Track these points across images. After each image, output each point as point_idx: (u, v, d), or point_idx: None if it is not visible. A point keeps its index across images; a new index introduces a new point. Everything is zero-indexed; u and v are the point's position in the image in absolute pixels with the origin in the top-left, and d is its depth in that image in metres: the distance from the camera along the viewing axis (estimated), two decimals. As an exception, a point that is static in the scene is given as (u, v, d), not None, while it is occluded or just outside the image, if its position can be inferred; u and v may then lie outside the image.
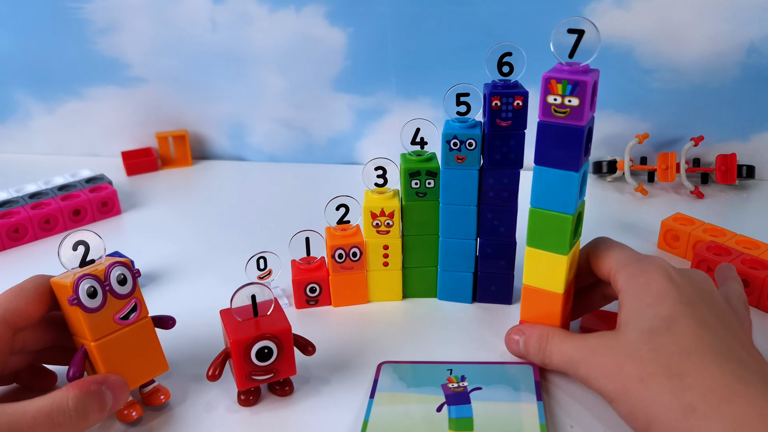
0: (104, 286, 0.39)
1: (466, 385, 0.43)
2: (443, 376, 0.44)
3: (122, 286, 0.40)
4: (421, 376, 0.44)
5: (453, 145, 0.47)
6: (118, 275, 0.39)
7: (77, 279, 0.38)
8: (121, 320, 0.40)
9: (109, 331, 0.39)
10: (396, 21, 0.71)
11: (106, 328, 0.39)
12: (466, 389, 0.42)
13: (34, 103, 0.82)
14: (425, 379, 0.44)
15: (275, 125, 0.81)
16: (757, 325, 0.50)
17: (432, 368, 0.45)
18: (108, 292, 0.39)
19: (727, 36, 0.67)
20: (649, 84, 0.70)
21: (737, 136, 0.72)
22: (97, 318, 0.39)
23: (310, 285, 0.53)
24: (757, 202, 0.69)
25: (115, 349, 0.40)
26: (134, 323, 0.40)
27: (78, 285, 0.38)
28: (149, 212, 0.71)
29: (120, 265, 0.40)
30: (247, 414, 0.42)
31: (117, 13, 0.75)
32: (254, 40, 0.75)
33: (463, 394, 0.42)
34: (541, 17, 0.66)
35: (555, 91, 0.39)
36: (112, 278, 0.39)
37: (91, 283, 0.38)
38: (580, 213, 0.43)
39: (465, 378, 0.43)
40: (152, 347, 0.42)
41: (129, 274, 0.40)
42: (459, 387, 0.43)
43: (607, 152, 0.75)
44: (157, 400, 0.42)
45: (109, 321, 0.39)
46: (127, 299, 0.40)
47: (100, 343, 0.39)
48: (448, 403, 0.41)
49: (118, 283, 0.39)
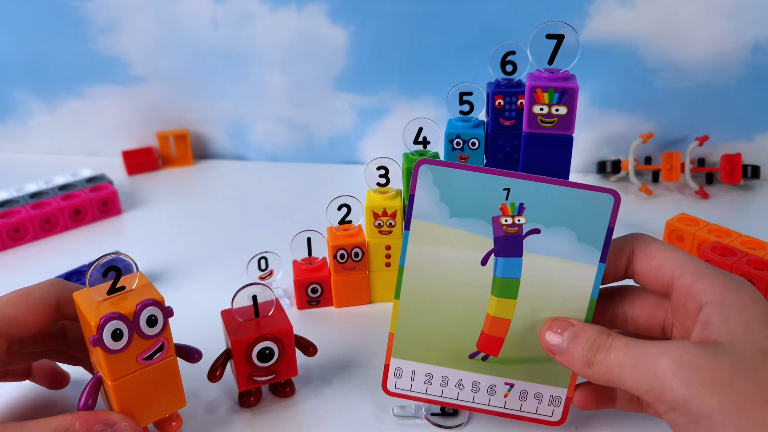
0: (132, 327, 0.35)
1: (523, 223, 0.35)
2: (497, 200, 0.35)
3: (151, 327, 0.36)
4: (468, 195, 0.35)
5: (456, 145, 0.47)
6: (149, 316, 0.36)
7: (102, 320, 0.34)
8: (144, 360, 0.36)
9: (130, 371, 0.36)
10: (398, 19, 0.71)
11: (127, 368, 0.36)
12: (521, 230, 0.35)
13: (35, 103, 0.82)
14: (473, 205, 0.35)
15: (276, 124, 0.81)
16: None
17: (484, 182, 0.35)
18: (135, 333, 0.35)
19: (732, 35, 0.66)
20: (654, 83, 0.70)
21: (742, 136, 0.71)
22: (119, 358, 0.35)
23: (311, 285, 0.52)
24: (762, 203, 0.69)
25: (134, 387, 0.37)
26: (158, 362, 0.37)
27: (103, 327, 0.34)
28: (150, 212, 0.71)
29: (152, 305, 0.35)
30: (249, 415, 0.42)
31: (118, 12, 0.75)
32: (256, 38, 0.75)
33: (517, 240, 0.35)
34: (545, 16, 0.66)
35: (541, 100, 0.38)
36: (142, 319, 0.35)
37: (118, 326, 0.34)
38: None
39: (524, 208, 0.35)
40: (173, 385, 0.39)
41: (161, 314, 0.36)
42: (513, 226, 0.35)
43: (611, 152, 0.75)
44: (168, 427, 0.40)
45: (132, 361, 0.36)
46: (155, 339, 0.36)
47: (118, 383, 0.36)
48: (495, 254, 0.36)
49: (148, 324, 0.36)
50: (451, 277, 0.37)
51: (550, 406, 0.39)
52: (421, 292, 0.37)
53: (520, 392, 0.39)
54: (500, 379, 0.38)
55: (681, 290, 0.35)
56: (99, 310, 0.35)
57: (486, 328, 0.37)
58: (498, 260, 0.36)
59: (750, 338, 0.31)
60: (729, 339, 0.32)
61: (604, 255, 0.36)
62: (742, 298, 0.33)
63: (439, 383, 0.39)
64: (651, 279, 0.36)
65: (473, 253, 0.36)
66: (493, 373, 0.38)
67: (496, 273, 0.36)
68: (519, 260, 0.36)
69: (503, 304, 0.37)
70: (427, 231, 0.36)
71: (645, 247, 0.37)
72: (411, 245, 0.36)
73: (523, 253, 0.36)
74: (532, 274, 0.36)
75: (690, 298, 0.34)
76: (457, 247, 0.36)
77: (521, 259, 0.36)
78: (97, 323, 0.34)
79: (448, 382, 0.39)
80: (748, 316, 0.32)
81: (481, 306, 0.37)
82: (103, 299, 0.35)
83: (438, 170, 0.35)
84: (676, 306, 0.35)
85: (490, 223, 0.36)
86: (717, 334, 0.32)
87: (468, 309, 0.37)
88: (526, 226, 0.36)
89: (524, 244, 0.36)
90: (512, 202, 0.35)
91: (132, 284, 0.36)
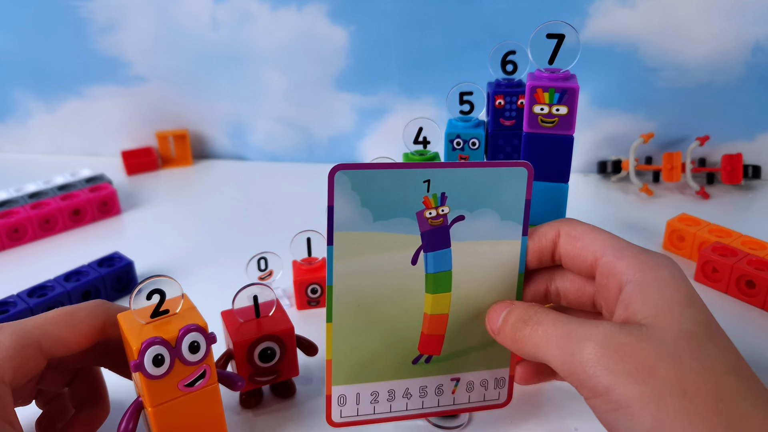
0: (174, 352, 0.34)
1: (447, 212, 0.34)
2: (419, 194, 0.34)
3: (194, 354, 0.35)
4: (389, 195, 0.34)
5: (456, 145, 0.47)
6: (192, 342, 0.35)
7: (144, 345, 0.33)
8: (186, 387, 0.35)
9: (171, 397, 0.35)
10: (398, 19, 0.71)
11: (168, 395, 0.35)
12: (446, 220, 0.34)
13: (34, 102, 0.82)
14: (396, 204, 0.34)
15: (276, 124, 0.80)
16: (763, 328, 0.49)
17: (403, 178, 0.33)
18: (176, 359, 0.34)
19: (732, 35, 0.66)
20: (654, 83, 0.70)
21: (743, 136, 0.71)
22: (160, 384, 0.34)
23: (311, 286, 0.52)
24: (762, 203, 0.69)
25: (175, 414, 0.36)
26: (200, 389, 0.36)
27: (144, 352, 0.33)
28: (149, 212, 0.71)
29: (195, 331, 0.35)
30: (250, 416, 0.42)
31: (118, 12, 0.75)
32: (255, 38, 0.75)
33: (444, 231, 0.35)
34: (545, 15, 0.66)
35: (541, 100, 0.38)
36: (184, 345, 0.34)
37: (159, 351, 0.34)
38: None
39: (446, 198, 0.34)
40: (214, 413, 0.37)
41: (203, 340, 0.35)
42: (438, 218, 0.34)
43: (612, 152, 0.74)
44: None
45: (173, 387, 0.35)
46: (197, 366, 0.35)
47: (158, 409, 0.35)
48: (424, 249, 0.35)
49: (190, 350, 0.35)
50: (383, 285, 0.35)
51: (496, 389, 0.38)
52: (354, 309, 0.35)
53: (466, 384, 0.38)
54: (446, 377, 0.38)
55: (603, 270, 0.34)
56: (142, 333, 0.34)
57: (425, 328, 0.36)
58: (428, 256, 0.35)
59: (672, 320, 0.31)
60: (652, 320, 0.31)
61: (525, 228, 0.35)
62: (663, 276, 0.33)
63: (386, 398, 0.37)
64: (576, 261, 0.36)
65: (402, 254, 0.34)
66: (438, 372, 0.37)
67: (428, 269, 0.35)
68: (448, 251, 0.35)
69: (439, 299, 0.36)
70: (352, 241, 0.34)
71: (570, 230, 0.36)
72: (337, 260, 0.34)
73: (450, 243, 0.35)
74: (462, 262, 0.35)
75: (611, 278, 0.34)
76: (385, 252, 0.34)
77: (450, 250, 0.35)
78: (139, 347, 0.33)
79: (395, 395, 0.37)
80: (668, 295, 0.32)
81: (418, 308, 0.36)
82: (147, 322, 0.35)
83: (355, 174, 0.33)
84: (599, 286, 0.35)
85: (416, 219, 0.34)
86: (640, 314, 0.32)
87: (404, 314, 0.36)
88: (450, 215, 0.34)
89: (450, 233, 0.35)
90: (434, 193, 0.34)
91: (176, 308, 0.36)
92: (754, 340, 0.48)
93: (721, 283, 0.53)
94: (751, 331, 0.49)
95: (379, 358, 0.36)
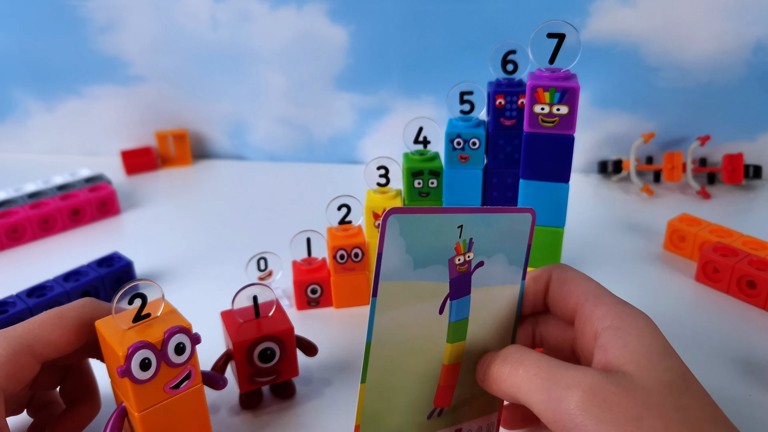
0: (160, 355, 0.34)
1: (471, 259, 0.33)
2: (453, 240, 0.32)
3: (179, 355, 0.35)
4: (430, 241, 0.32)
5: (456, 144, 0.47)
6: (177, 344, 0.35)
7: (131, 350, 0.33)
8: (172, 389, 0.35)
9: (157, 401, 0.35)
10: (398, 19, 0.71)
11: (154, 399, 0.35)
12: (470, 267, 0.33)
13: (34, 102, 0.82)
14: (433, 250, 0.32)
15: (276, 124, 0.80)
16: (764, 328, 0.49)
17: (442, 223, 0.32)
18: (162, 362, 0.34)
19: (733, 34, 0.66)
20: (655, 83, 0.70)
21: (744, 136, 0.71)
22: (146, 388, 0.34)
23: (311, 286, 0.52)
24: (764, 203, 0.69)
25: (161, 418, 0.35)
26: (185, 391, 0.36)
27: (131, 357, 0.33)
28: (148, 212, 0.71)
29: (180, 332, 0.35)
30: (250, 416, 0.42)
31: (117, 12, 0.75)
32: (255, 38, 0.75)
33: (466, 278, 0.33)
34: (545, 15, 0.66)
35: (542, 99, 0.38)
36: (170, 347, 0.34)
37: (146, 355, 0.33)
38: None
39: (472, 243, 0.33)
40: (199, 414, 0.37)
41: (188, 341, 0.35)
42: (464, 264, 0.33)
43: (613, 152, 0.74)
44: None
45: (159, 391, 0.35)
46: (182, 367, 0.35)
47: (146, 414, 0.35)
48: (450, 297, 0.33)
49: (176, 352, 0.35)
50: (414, 338, 0.33)
51: None
52: (386, 368, 0.33)
53: None
54: (451, 429, 0.36)
55: (581, 316, 0.34)
56: (125, 339, 0.34)
57: (441, 380, 0.34)
58: (452, 304, 0.33)
59: (653, 369, 0.31)
60: (634, 368, 0.31)
61: (524, 272, 0.35)
62: (639, 325, 0.33)
63: None
64: (560, 305, 0.36)
65: (431, 303, 0.32)
66: (445, 425, 0.36)
67: (451, 318, 0.33)
68: (468, 298, 0.34)
69: (455, 348, 0.34)
70: (394, 292, 0.31)
71: (560, 274, 0.36)
72: (378, 314, 0.31)
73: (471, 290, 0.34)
74: (474, 308, 0.34)
75: (588, 323, 0.34)
76: (419, 303, 0.32)
77: (470, 297, 0.34)
78: (125, 353, 0.33)
79: None
80: (646, 342, 0.32)
81: (439, 360, 0.34)
82: (129, 327, 0.34)
83: (405, 219, 0.30)
84: (578, 332, 0.35)
85: (447, 266, 0.32)
86: (621, 360, 0.31)
87: (427, 368, 0.34)
88: (474, 260, 0.33)
89: (472, 280, 0.33)
90: (464, 238, 0.33)
91: (157, 311, 0.35)
92: (755, 340, 0.47)
93: (722, 284, 0.53)
94: (752, 331, 0.49)
95: (400, 419, 0.34)
